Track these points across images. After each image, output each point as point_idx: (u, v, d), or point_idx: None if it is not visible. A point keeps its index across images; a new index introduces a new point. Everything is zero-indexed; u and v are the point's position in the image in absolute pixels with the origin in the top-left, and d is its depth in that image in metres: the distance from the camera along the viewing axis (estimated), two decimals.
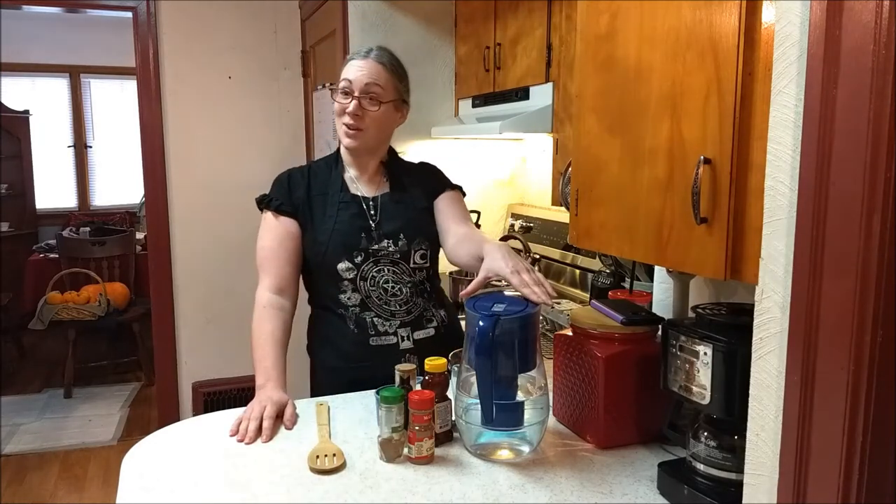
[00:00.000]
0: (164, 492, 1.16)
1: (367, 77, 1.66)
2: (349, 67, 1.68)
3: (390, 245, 1.66)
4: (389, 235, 1.68)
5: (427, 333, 1.69)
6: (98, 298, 4.25)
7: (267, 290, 1.63)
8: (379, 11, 2.93)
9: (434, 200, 1.79)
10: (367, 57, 1.68)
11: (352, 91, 1.65)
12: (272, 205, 1.69)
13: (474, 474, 1.22)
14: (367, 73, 1.66)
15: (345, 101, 1.66)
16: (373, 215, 1.70)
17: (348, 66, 1.69)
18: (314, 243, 1.67)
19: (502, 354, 1.24)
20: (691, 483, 1.12)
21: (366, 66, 1.67)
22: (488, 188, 3.22)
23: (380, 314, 1.65)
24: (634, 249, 1.24)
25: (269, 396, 1.44)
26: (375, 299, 1.65)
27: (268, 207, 1.70)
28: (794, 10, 0.80)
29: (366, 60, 1.68)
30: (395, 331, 1.65)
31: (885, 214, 0.69)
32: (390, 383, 1.36)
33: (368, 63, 1.67)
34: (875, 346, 0.71)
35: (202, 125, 3.50)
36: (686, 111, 1.09)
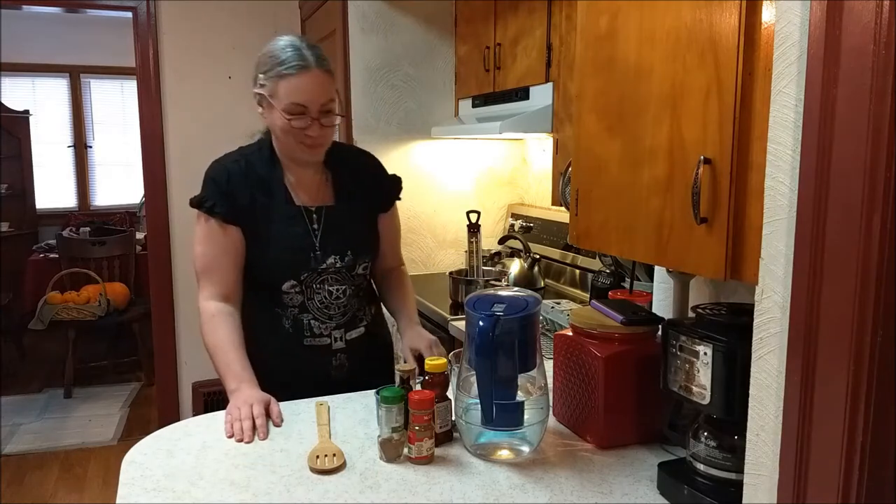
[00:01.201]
0: (164, 492, 1.16)
1: (323, 95, 1.51)
2: (290, 87, 1.47)
3: (336, 261, 1.62)
4: (335, 252, 1.62)
5: (358, 333, 1.69)
6: (98, 298, 4.25)
7: (212, 300, 1.57)
8: (379, 11, 2.94)
9: (378, 215, 1.74)
10: (309, 69, 1.48)
11: (308, 113, 1.50)
12: (215, 212, 1.57)
13: (474, 474, 1.22)
14: (322, 91, 1.50)
15: (300, 124, 1.50)
16: (315, 230, 1.61)
17: (289, 86, 1.47)
18: (257, 259, 1.60)
19: (502, 354, 1.24)
20: (691, 483, 1.12)
21: (314, 83, 1.49)
22: (488, 188, 3.22)
23: (318, 317, 1.63)
24: (634, 249, 1.24)
25: (250, 395, 1.41)
26: (317, 303, 1.62)
27: (210, 213, 1.58)
28: (794, 10, 0.80)
29: (310, 75, 1.48)
30: (330, 332, 1.64)
31: (885, 214, 0.69)
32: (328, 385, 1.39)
33: (315, 77, 1.49)
34: (875, 346, 0.71)
35: (202, 125, 3.50)
36: (686, 111, 1.09)
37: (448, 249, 3.18)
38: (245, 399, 1.41)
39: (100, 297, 4.25)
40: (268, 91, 1.51)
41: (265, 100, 1.53)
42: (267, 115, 1.57)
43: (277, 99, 1.50)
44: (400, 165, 3.06)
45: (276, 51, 1.51)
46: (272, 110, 1.53)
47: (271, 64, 1.50)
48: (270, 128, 1.59)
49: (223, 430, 1.38)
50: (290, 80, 1.48)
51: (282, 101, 1.49)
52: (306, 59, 1.49)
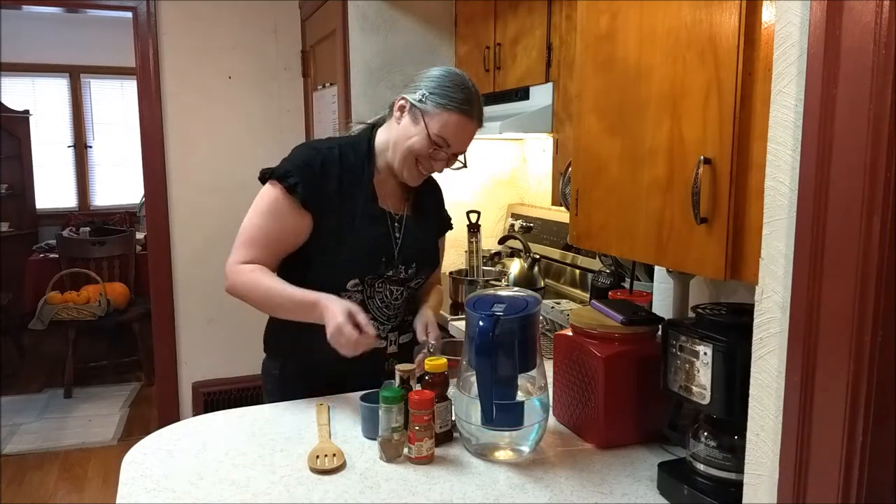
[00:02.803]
0: (164, 492, 1.16)
1: (466, 145, 1.58)
2: (450, 122, 1.51)
3: (402, 271, 1.62)
4: (407, 261, 1.62)
5: (408, 338, 1.69)
6: (98, 298, 4.25)
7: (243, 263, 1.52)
8: (379, 11, 2.94)
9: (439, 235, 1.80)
10: (472, 118, 1.54)
11: (446, 149, 1.54)
12: (296, 191, 1.50)
13: (474, 474, 1.22)
14: (469, 140, 1.57)
15: (436, 156, 1.55)
16: (397, 238, 1.61)
17: (450, 121, 1.51)
18: (328, 250, 1.55)
19: (502, 354, 1.24)
20: (691, 483, 1.12)
21: (469, 132, 1.56)
22: (488, 188, 3.22)
23: (377, 317, 1.61)
24: (634, 249, 1.24)
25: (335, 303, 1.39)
26: (378, 302, 1.61)
27: (290, 190, 1.51)
28: (794, 10, 0.80)
29: (471, 123, 1.54)
30: (387, 335, 1.63)
31: (885, 215, 0.69)
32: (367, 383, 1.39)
33: (473, 128, 1.56)
34: (875, 346, 0.71)
35: (202, 125, 3.50)
36: (686, 111, 1.09)
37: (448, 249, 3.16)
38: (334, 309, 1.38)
39: (100, 297, 4.25)
40: (427, 109, 1.51)
41: (417, 113, 1.52)
42: (405, 125, 1.55)
43: (431, 123, 1.51)
44: None
45: (455, 82, 1.53)
46: (417, 126, 1.53)
47: (444, 91, 1.51)
48: (399, 137, 1.55)
49: (223, 431, 1.39)
50: (452, 116, 1.51)
51: (435, 129, 1.51)
52: (474, 108, 1.54)
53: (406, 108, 1.55)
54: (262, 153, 3.56)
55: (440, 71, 1.55)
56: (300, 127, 3.64)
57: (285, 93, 3.61)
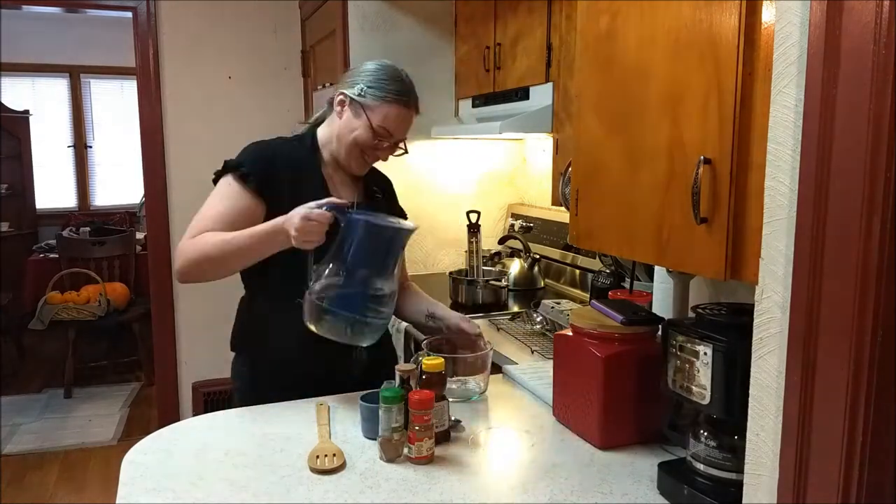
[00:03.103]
0: (164, 492, 1.16)
1: (406, 132, 1.66)
2: (390, 114, 1.59)
3: None
4: None
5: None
6: (98, 298, 4.25)
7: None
8: (379, 11, 2.94)
9: None
10: (409, 107, 1.63)
11: (388, 139, 1.62)
12: (249, 181, 1.56)
13: (474, 474, 1.22)
14: (407, 128, 1.66)
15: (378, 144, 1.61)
16: None
17: (390, 112, 1.59)
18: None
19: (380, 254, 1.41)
20: (691, 483, 1.12)
21: (408, 120, 1.64)
22: (488, 188, 3.22)
23: None
24: (634, 249, 1.24)
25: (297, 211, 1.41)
26: None
27: (242, 180, 1.56)
28: (794, 10, 0.80)
29: (409, 112, 1.63)
30: None
31: (885, 215, 0.69)
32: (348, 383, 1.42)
33: (410, 114, 1.64)
34: (875, 346, 0.71)
35: (202, 125, 3.50)
36: (686, 111, 1.09)
37: (448, 249, 3.18)
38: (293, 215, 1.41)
39: (100, 297, 4.25)
40: (367, 103, 1.59)
41: (358, 107, 1.59)
42: (347, 118, 1.62)
43: (373, 115, 1.58)
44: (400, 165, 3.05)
45: (391, 74, 1.62)
46: (359, 119, 1.60)
47: (381, 84, 1.59)
48: (342, 130, 1.62)
49: (223, 431, 1.39)
50: (392, 108, 1.59)
51: (376, 120, 1.58)
52: (411, 98, 1.63)
53: (346, 103, 1.62)
54: None
55: (375, 65, 1.64)
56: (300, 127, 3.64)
57: (285, 93, 3.61)
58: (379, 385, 1.31)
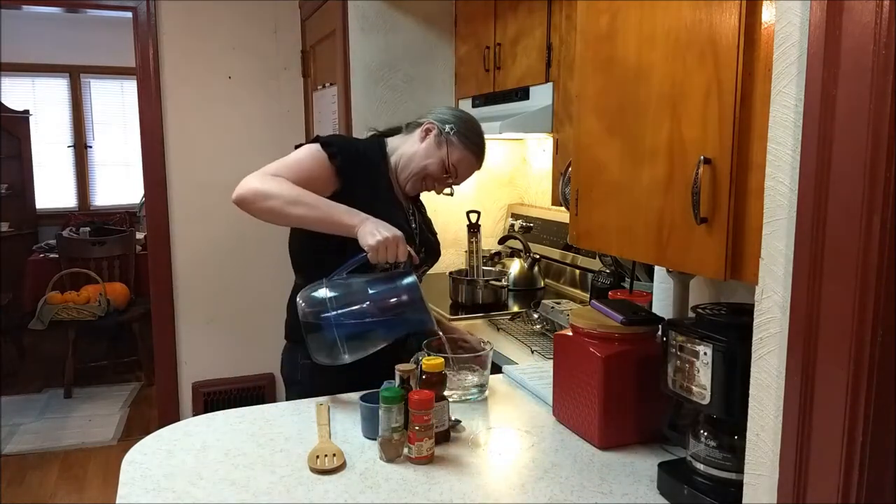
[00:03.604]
0: (164, 492, 1.16)
1: (467, 178, 1.79)
2: (465, 160, 1.73)
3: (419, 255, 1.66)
4: (423, 245, 1.75)
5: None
6: (98, 298, 4.25)
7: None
8: (379, 11, 2.94)
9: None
10: (481, 161, 1.78)
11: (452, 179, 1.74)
12: (336, 159, 1.61)
13: (474, 474, 1.22)
14: (471, 175, 1.79)
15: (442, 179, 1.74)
16: (414, 228, 1.75)
17: (466, 158, 1.73)
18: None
19: None
20: (691, 483, 1.12)
21: (475, 169, 1.78)
22: (488, 188, 3.22)
23: None
24: (634, 249, 1.24)
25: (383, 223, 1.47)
26: None
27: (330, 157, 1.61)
28: (794, 10, 0.80)
29: (479, 163, 1.78)
30: None
31: (885, 215, 0.69)
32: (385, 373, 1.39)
33: (477, 167, 1.79)
34: (875, 346, 0.71)
35: (202, 125, 3.50)
36: (686, 111, 1.09)
37: (448, 249, 3.17)
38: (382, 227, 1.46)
39: (100, 297, 4.25)
40: (452, 141, 1.72)
41: (442, 141, 1.72)
42: (427, 145, 1.72)
43: (452, 154, 1.72)
44: None
45: (479, 129, 1.79)
46: (438, 152, 1.72)
47: (470, 132, 1.75)
48: (418, 154, 1.72)
49: (223, 430, 1.38)
50: (470, 157, 1.75)
51: (453, 159, 1.72)
52: (483, 157, 1.79)
53: (433, 132, 1.73)
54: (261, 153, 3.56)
55: (468, 115, 1.80)
56: (300, 127, 3.64)
57: (285, 93, 3.61)
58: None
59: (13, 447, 3.55)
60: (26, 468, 3.35)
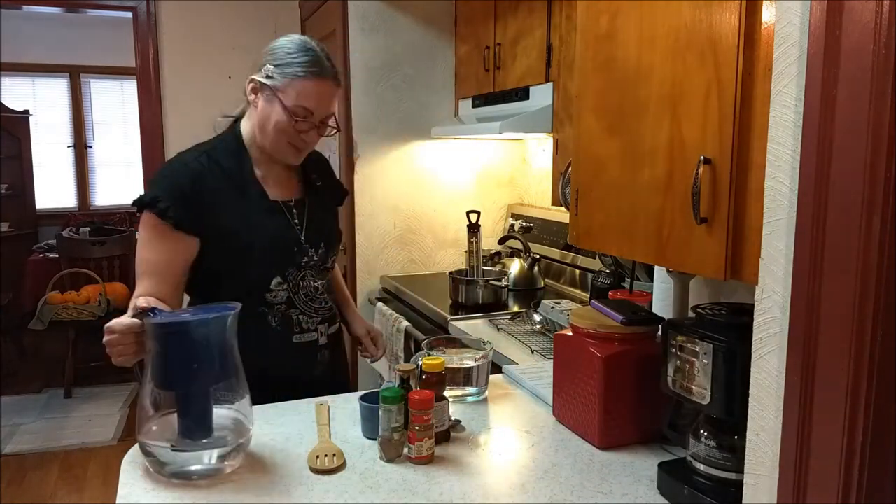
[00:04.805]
0: (164, 492, 1.16)
1: (331, 106, 1.52)
2: (304, 90, 1.47)
3: (314, 255, 1.61)
4: (314, 245, 1.60)
5: (335, 328, 1.71)
6: (98, 298, 4.25)
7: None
8: (379, 11, 2.94)
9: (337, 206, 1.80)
10: (325, 78, 1.49)
11: (311, 119, 1.50)
12: (168, 216, 1.43)
13: (474, 474, 1.22)
14: (331, 102, 1.52)
15: (302, 128, 1.50)
16: (297, 224, 1.58)
17: (303, 88, 1.46)
18: (240, 257, 1.50)
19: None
20: (691, 483, 1.12)
21: (327, 93, 1.50)
22: (488, 188, 3.22)
23: (305, 311, 1.60)
24: (634, 249, 1.24)
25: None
26: (303, 296, 1.60)
27: (161, 216, 1.43)
28: (794, 10, 0.80)
29: (325, 84, 1.49)
30: (317, 327, 1.63)
31: (885, 214, 0.69)
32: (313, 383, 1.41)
33: (329, 88, 1.50)
34: (875, 346, 0.71)
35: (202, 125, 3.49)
36: (686, 111, 1.09)
37: (448, 249, 3.18)
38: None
39: (100, 297, 4.25)
40: (277, 84, 1.48)
41: (268, 91, 1.49)
42: (262, 107, 1.51)
43: (285, 96, 1.47)
44: (400, 165, 3.06)
45: (295, 49, 1.48)
46: (273, 104, 1.49)
47: (288, 60, 1.47)
48: (261, 120, 1.52)
49: None
50: (304, 83, 1.47)
51: (290, 100, 1.47)
52: (325, 68, 1.49)
53: (258, 90, 1.52)
54: None
55: (280, 41, 1.51)
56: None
57: None
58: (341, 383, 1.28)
59: (13, 447, 3.55)
60: (26, 468, 3.35)
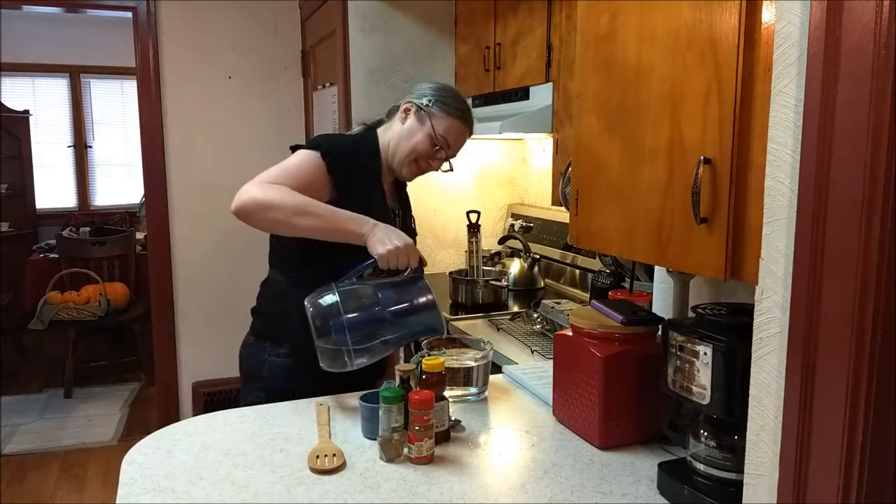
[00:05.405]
0: (164, 492, 1.16)
1: (459, 149, 1.75)
2: (452, 127, 1.69)
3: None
4: None
5: None
6: (98, 298, 4.25)
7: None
8: (379, 11, 2.94)
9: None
10: (468, 125, 1.73)
11: (444, 150, 1.70)
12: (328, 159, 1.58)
13: (474, 474, 1.22)
14: (462, 145, 1.75)
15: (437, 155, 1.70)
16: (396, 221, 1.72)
17: (452, 125, 1.69)
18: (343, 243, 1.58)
19: None
20: (691, 483, 1.12)
21: (465, 136, 1.73)
22: (488, 188, 3.22)
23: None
24: (634, 249, 1.24)
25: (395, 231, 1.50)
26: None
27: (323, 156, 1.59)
28: (794, 10, 0.80)
29: (467, 129, 1.73)
30: None
31: (885, 215, 0.69)
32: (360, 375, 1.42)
33: (467, 133, 1.74)
34: (875, 346, 0.71)
35: (202, 125, 3.50)
36: (686, 111, 1.09)
37: (448, 249, 3.18)
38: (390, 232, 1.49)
39: (100, 297, 4.25)
40: (433, 112, 1.68)
41: (423, 116, 1.67)
42: (410, 125, 1.69)
43: (437, 124, 1.67)
44: None
45: (457, 94, 1.73)
46: (422, 127, 1.68)
47: (451, 101, 1.70)
48: (404, 135, 1.69)
49: (223, 430, 1.38)
50: (456, 124, 1.69)
51: (439, 130, 1.67)
52: (471, 121, 1.74)
53: (412, 111, 1.69)
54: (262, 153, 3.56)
55: (443, 84, 1.76)
56: (300, 127, 3.64)
57: (285, 93, 3.61)
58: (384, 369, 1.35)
59: (13, 447, 3.55)
60: (26, 468, 3.35)
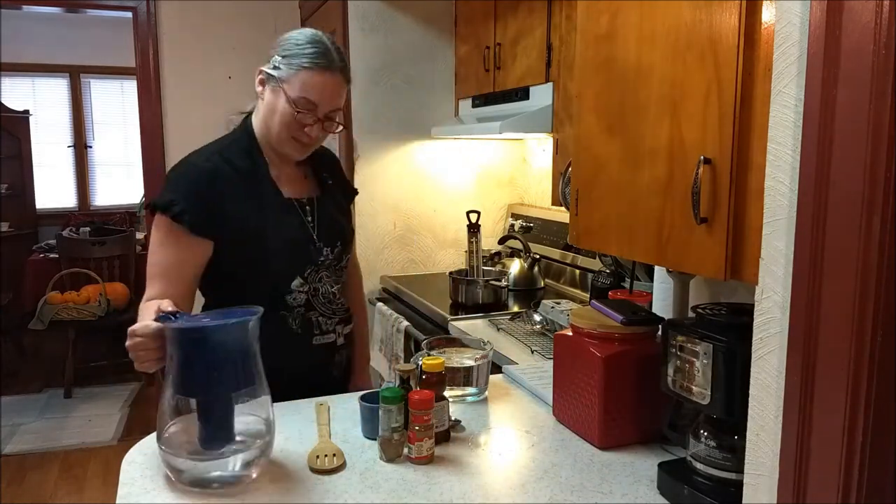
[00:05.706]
0: (164, 492, 1.16)
1: (335, 101, 1.49)
2: (308, 82, 1.44)
3: (329, 254, 1.60)
4: (329, 243, 1.60)
5: (350, 328, 1.71)
6: (98, 298, 4.25)
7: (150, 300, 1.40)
8: (379, 11, 2.94)
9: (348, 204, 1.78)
10: (332, 71, 1.45)
11: (315, 112, 1.47)
12: (184, 220, 1.41)
13: (474, 474, 1.22)
14: (336, 96, 1.49)
15: (305, 121, 1.47)
16: (310, 222, 1.57)
17: (307, 80, 1.44)
18: (258, 259, 1.50)
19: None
20: (691, 483, 1.12)
21: (333, 86, 1.47)
22: (488, 188, 3.22)
23: (324, 313, 1.61)
24: (634, 249, 1.24)
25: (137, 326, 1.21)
26: (321, 298, 1.60)
27: (177, 220, 1.41)
28: (794, 10, 0.80)
29: (331, 76, 1.45)
30: (335, 328, 1.64)
31: (885, 214, 0.69)
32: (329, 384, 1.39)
33: (335, 81, 1.47)
34: (875, 346, 0.71)
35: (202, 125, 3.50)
36: (686, 111, 1.09)
37: (448, 249, 3.18)
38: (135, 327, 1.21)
39: (100, 297, 4.25)
40: (282, 75, 1.45)
41: (274, 82, 1.46)
42: (268, 99, 1.49)
43: (290, 87, 1.45)
44: (400, 165, 3.06)
45: (304, 40, 1.46)
46: (278, 96, 1.46)
47: (296, 51, 1.45)
48: (266, 113, 1.50)
49: None
50: (309, 74, 1.44)
51: (294, 92, 1.44)
52: (332, 60, 1.46)
53: (265, 81, 1.49)
54: None
55: (290, 33, 1.49)
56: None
57: None
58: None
59: (13, 447, 3.55)
60: (26, 468, 3.35)
